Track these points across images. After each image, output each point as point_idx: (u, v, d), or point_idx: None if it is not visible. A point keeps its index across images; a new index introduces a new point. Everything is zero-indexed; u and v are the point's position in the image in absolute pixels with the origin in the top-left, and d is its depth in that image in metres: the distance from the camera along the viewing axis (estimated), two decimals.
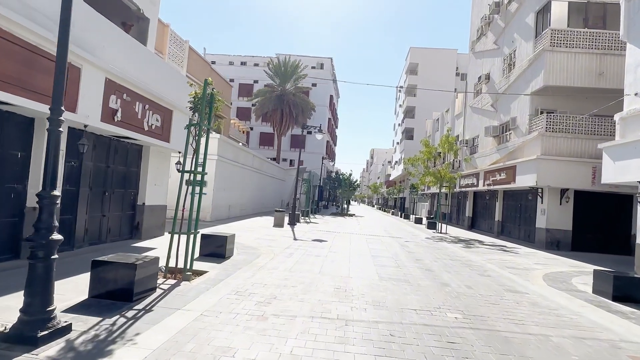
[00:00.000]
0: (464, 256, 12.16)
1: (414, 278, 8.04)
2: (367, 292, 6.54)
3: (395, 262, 9.89)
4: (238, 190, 21.18)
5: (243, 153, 21.78)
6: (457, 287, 7.50)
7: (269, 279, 7.01)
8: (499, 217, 21.39)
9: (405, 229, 23.20)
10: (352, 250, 11.62)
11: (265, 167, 27.86)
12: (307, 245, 11.76)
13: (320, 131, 19.20)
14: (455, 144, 21.79)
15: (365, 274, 8.12)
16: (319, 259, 9.46)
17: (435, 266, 9.79)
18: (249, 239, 12.10)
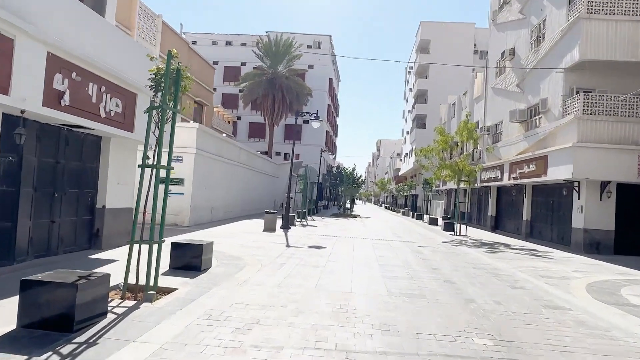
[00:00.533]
0: (489, 263, 11.64)
1: (430, 292, 7.51)
2: (373, 313, 6.01)
3: (407, 273, 9.36)
4: (222, 189, 20.65)
5: (228, 146, 21.23)
6: (484, 303, 6.97)
7: (252, 297, 6.48)
8: (528, 216, 20.88)
9: (418, 231, 22.71)
10: (355, 258, 11.10)
11: (255, 162, 27.33)
12: (302, 253, 11.24)
13: (317, 118, 18.64)
14: (475, 132, 21.25)
15: (371, 288, 7.59)
16: (316, 271, 8.93)
17: (456, 277, 9.26)
18: (232, 247, 11.58)
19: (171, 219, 16.46)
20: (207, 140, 18.13)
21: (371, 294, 7.15)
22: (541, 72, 18.83)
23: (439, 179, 22.36)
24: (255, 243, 12.80)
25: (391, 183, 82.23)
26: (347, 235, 17.37)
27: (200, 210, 17.62)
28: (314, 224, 22.59)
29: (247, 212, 25.78)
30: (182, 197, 16.46)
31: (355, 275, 8.72)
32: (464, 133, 20.74)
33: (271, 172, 33.13)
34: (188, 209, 16.46)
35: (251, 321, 5.31)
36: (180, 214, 16.46)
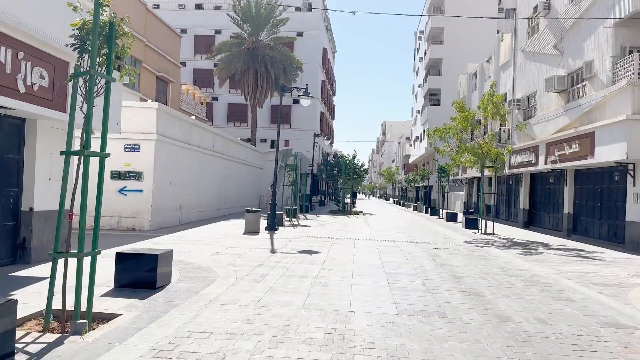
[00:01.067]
0: (525, 269, 11.08)
1: (453, 309, 6.92)
2: (378, 339, 5.41)
3: (422, 283, 8.78)
4: (194, 185, 20.00)
5: (199, 131, 20.54)
6: (524, 322, 6.39)
7: (220, 322, 5.86)
8: (569, 208, 20.38)
9: (434, 229, 22.17)
10: (356, 266, 10.51)
11: (235, 151, 26.66)
12: (289, 261, 10.64)
13: (306, 94, 17.96)
14: (502, 106, 20.64)
15: (376, 305, 6.99)
16: (305, 283, 8.33)
17: (485, 287, 8.69)
18: (203, 256, 10.96)
19: (128, 223, 15.82)
20: (172, 124, 17.44)
21: (376, 313, 6.55)
22: (585, 28, 18.18)
23: (458, 165, 21.78)
24: (233, 249, 12.19)
25: (399, 173, 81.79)
26: (347, 237, 16.80)
27: (164, 210, 16.98)
28: (307, 224, 22.01)
29: (227, 211, 25.17)
30: (140, 195, 15.81)
31: (356, 288, 8.12)
32: (488, 108, 20.12)
33: (255, 162, 32.48)
34: (148, 209, 15.81)
35: (215, 356, 4.69)
36: (139, 215, 15.81)
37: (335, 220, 26.24)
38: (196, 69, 55.85)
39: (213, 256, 10.99)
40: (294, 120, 55.21)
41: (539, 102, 22.63)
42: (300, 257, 11.47)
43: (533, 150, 22.16)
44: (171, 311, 6.26)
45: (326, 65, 62.26)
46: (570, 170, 20.38)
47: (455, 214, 29.18)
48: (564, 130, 19.31)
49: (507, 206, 28.77)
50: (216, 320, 5.95)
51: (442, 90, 54.07)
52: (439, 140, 20.73)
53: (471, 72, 36.01)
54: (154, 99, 26.43)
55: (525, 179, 25.23)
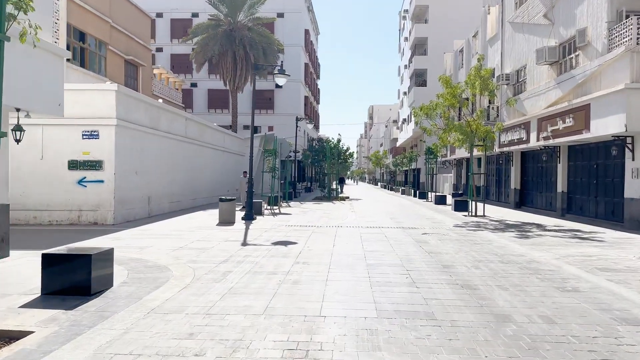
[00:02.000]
0: (521, 254, 10.10)
1: (442, 308, 5.88)
2: (351, 354, 4.34)
3: (407, 276, 7.73)
4: (164, 174, 18.75)
5: (169, 116, 19.22)
6: (527, 322, 5.36)
7: (155, 338, 4.74)
8: (563, 186, 19.49)
9: (422, 213, 21.20)
10: (335, 257, 9.43)
11: (212, 137, 25.36)
12: (260, 255, 9.53)
13: (281, 72, 16.70)
14: (490, 81, 19.56)
15: (351, 306, 5.92)
16: (273, 281, 7.23)
17: (478, 277, 7.66)
18: (163, 252, 9.81)
19: (89, 217, 14.59)
20: (135, 108, 16.12)
21: (351, 317, 5.48)
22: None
23: (446, 145, 20.76)
24: (200, 243, 11.05)
25: (387, 157, 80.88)
26: (329, 224, 15.72)
27: (130, 202, 15.74)
28: (289, 212, 20.90)
29: (205, 201, 23.97)
30: (101, 186, 14.55)
31: (331, 285, 7.04)
32: (476, 83, 19.04)
33: (235, 148, 31.19)
34: (111, 201, 14.57)
35: None
36: (101, 208, 14.57)
37: (319, 207, 25.16)
38: (174, 54, 54.14)
39: (175, 252, 9.84)
40: (278, 105, 53.84)
41: (529, 75, 21.60)
42: (273, 249, 10.37)
43: (524, 126, 21.19)
44: (99, 325, 5.12)
45: (309, 48, 60.70)
46: (564, 147, 19.45)
47: (445, 196, 28.27)
48: (556, 104, 18.32)
49: (498, 187, 27.90)
50: (150, 336, 4.83)
51: (428, 71, 52.90)
52: (425, 118, 19.63)
53: (457, 49, 34.88)
54: (123, 83, 24.97)
55: (515, 158, 24.31)
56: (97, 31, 22.72)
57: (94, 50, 22.71)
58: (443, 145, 20.67)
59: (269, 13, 48.21)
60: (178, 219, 16.61)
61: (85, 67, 21.98)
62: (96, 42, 22.88)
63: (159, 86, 29.89)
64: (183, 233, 12.86)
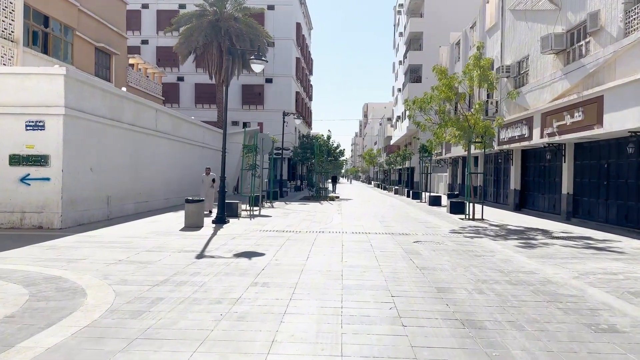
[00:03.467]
0: (531, 270, 8.34)
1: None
2: None
3: (391, 306, 5.95)
4: (128, 171, 16.89)
5: (134, 106, 17.33)
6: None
7: None
8: (569, 188, 17.79)
9: (415, 215, 19.44)
10: (305, 276, 7.64)
11: (188, 131, 23.47)
12: (213, 271, 7.73)
13: (258, 58, 14.90)
14: (490, 72, 17.80)
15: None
16: (211, 316, 5.44)
17: (484, 308, 5.89)
18: (95, 267, 8.00)
19: (34, 220, 12.72)
20: (90, 96, 14.24)
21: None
22: None
23: (441, 141, 19.00)
24: (147, 255, 9.22)
25: (381, 155, 79.22)
26: (310, 229, 13.93)
27: (83, 203, 13.87)
28: (270, 213, 19.09)
29: (179, 201, 22.03)
30: (47, 185, 12.68)
31: (288, 324, 5.24)
32: (474, 73, 17.28)
33: (217, 144, 29.24)
34: (58, 202, 12.70)
35: None
36: (47, 210, 12.70)
37: (305, 208, 23.35)
38: (160, 46, 52.18)
39: (109, 267, 8.00)
40: (268, 100, 51.97)
41: (532, 67, 19.86)
42: (232, 263, 8.55)
43: (526, 122, 19.46)
44: None
45: (301, 42, 58.82)
46: (569, 144, 17.75)
47: (439, 197, 26.55)
48: (563, 97, 16.60)
49: (496, 187, 26.20)
50: None
51: (423, 66, 51.16)
52: (418, 111, 17.86)
53: (454, 42, 33.13)
54: (93, 72, 23.07)
55: (516, 156, 22.59)
56: (62, 15, 20.78)
57: (58, 35, 20.78)
58: (438, 141, 18.89)
59: (259, 4, 46.36)
60: (138, 223, 14.75)
61: (48, 53, 20.07)
62: (61, 27, 20.94)
63: (135, 77, 27.93)
64: (134, 240, 11.02)
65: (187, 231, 12.96)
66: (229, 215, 16.91)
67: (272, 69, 52.19)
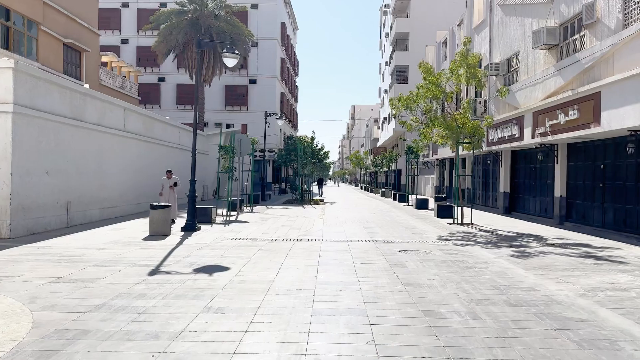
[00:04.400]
0: (531, 286, 7.32)
1: None
2: None
3: (369, 339, 4.86)
4: (91, 174, 15.63)
5: (98, 104, 16.09)
6: None
7: None
8: (562, 190, 16.90)
9: (401, 220, 18.42)
10: (270, 296, 6.52)
11: (162, 132, 22.20)
12: (163, 292, 6.59)
13: (230, 51, 13.74)
14: (478, 69, 16.85)
15: None
16: (142, 356, 4.30)
17: (480, 340, 4.83)
18: (26, 287, 6.81)
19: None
20: (46, 92, 12.98)
21: None
22: None
23: (428, 141, 18.01)
24: (94, 270, 8.04)
25: (368, 157, 78.35)
26: (287, 237, 12.81)
27: (38, 209, 12.60)
28: (247, 219, 17.92)
29: None
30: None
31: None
32: (462, 68, 16.32)
33: (197, 147, 27.96)
34: (6, 209, 11.42)
35: None
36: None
37: (286, 212, 22.20)
38: (140, 46, 50.74)
39: (41, 287, 6.81)
40: (252, 101, 50.75)
41: (523, 64, 18.98)
42: (189, 281, 7.40)
43: (516, 122, 18.56)
44: None
45: (285, 42, 57.70)
46: (562, 145, 16.87)
47: (426, 200, 25.58)
48: (556, 94, 15.70)
49: (484, 190, 25.30)
50: None
51: (409, 67, 50.36)
52: (404, 110, 16.84)
53: (440, 41, 32.26)
54: (61, 70, 21.73)
55: (505, 158, 21.70)
56: (25, 8, 19.44)
57: (21, 29, 19.43)
58: (425, 142, 17.88)
59: (241, 2, 45.26)
60: (101, 231, 13.50)
61: (9, 49, 18.72)
62: (24, 21, 19.60)
63: (108, 75, 26.56)
64: (87, 253, 9.80)
65: (151, 240, 11.76)
66: (202, 222, 15.77)
67: (256, 69, 51.06)
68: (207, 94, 49.16)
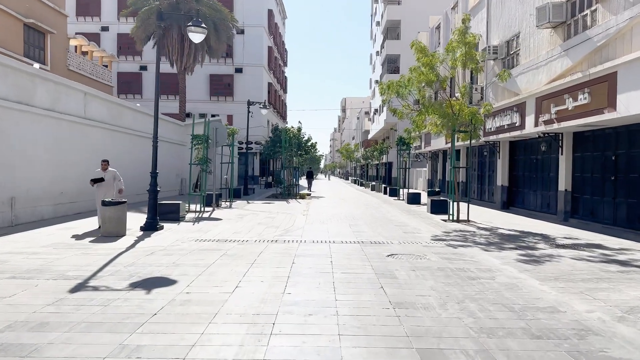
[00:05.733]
0: (552, 305, 5.76)
1: None
2: None
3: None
4: (44, 166, 13.89)
5: (51, 87, 14.32)
6: None
7: None
8: (567, 184, 15.44)
9: (392, 216, 16.88)
10: (216, 325, 4.92)
11: (131, 120, 20.41)
12: (75, 319, 4.97)
13: (197, 24, 12.07)
14: (475, 51, 15.24)
15: None
16: None
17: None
18: None
19: None
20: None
21: None
22: None
23: (421, 130, 16.41)
24: (7, 284, 6.40)
25: (359, 150, 76.81)
26: (261, 238, 11.19)
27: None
28: (224, 215, 16.27)
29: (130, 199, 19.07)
30: None
31: None
32: (458, 50, 14.73)
33: (172, 136, 26.22)
34: None
35: None
36: None
37: (267, 207, 20.57)
38: (121, 33, 48.67)
39: None
40: (237, 91, 48.91)
41: (524, 45, 17.42)
42: (117, 301, 5.76)
43: (517, 109, 17.03)
44: None
45: (273, 30, 55.77)
46: (568, 134, 15.38)
47: (418, 194, 24.07)
48: (563, 77, 14.18)
49: (480, 183, 23.83)
50: None
51: (401, 56, 48.73)
52: (396, 95, 15.24)
53: (434, 26, 30.64)
54: (21, 52, 19.86)
55: (503, 148, 20.21)
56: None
57: None
58: (418, 131, 16.26)
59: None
60: (47, 230, 11.80)
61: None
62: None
63: (77, 60, 24.66)
64: (12, 259, 8.12)
65: (100, 243, 10.10)
66: (169, 220, 14.13)
67: (241, 58, 49.19)
68: (190, 83, 47.24)
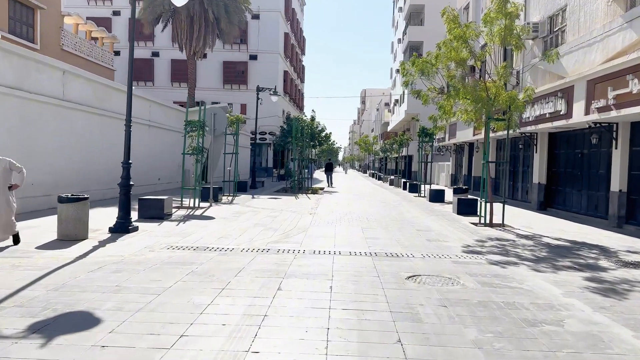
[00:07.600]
0: None
1: None
2: None
3: None
4: (8, 154, 11.94)
5: (14, 62, 12.34)
6: None
7: None
8: (621, 183, 12.99)
9: (412, 217, 14.61)
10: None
11: (123, 104, 18.36)
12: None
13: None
14: (515, 25, 12.80)
15: None
16: None
17: None
18: None
19: None
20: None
21: None
22: None
23: (449, 117, 14.02)
24: None
25: (377, 142, 74.24)
26: (251, 246, 9.05)
27: None
28: (218, 213, 14.20)
29: (113, 193, 17.17)
30: None
31: None
32: (497, 21, 12.33)
33: (172, 123, 24.21)
34: None
35: None
36: None
37: (272, 204, 18.44)
38: None
39: None
40: (252, 79, 46.82)
41: (572, 20, 14.89)
42: None
43: (562, 94, 14.53)
44: None
45: (290, 16, 53.54)
46: (624, 124, 12.88)
47: (442, 191, 21.69)
48: (624, 54, 11.69)
49: (513, 180, 21.33)
50: None
51: (424, 44, 45.91)
52: (420, 74, 12.93)
53: (461, 7, 28.01)
54: (6, 28, 18.02)
55: (541, 141, 17.69)
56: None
57: None
58: (445, 117, 13.87)
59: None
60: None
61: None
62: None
63: (72, 40, 22.75)
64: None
65: (47, 249, 8.08)
66: (153, 218, 12.15)
67: (256, 44, 47.12)
68: (203, 70, 45.42)
